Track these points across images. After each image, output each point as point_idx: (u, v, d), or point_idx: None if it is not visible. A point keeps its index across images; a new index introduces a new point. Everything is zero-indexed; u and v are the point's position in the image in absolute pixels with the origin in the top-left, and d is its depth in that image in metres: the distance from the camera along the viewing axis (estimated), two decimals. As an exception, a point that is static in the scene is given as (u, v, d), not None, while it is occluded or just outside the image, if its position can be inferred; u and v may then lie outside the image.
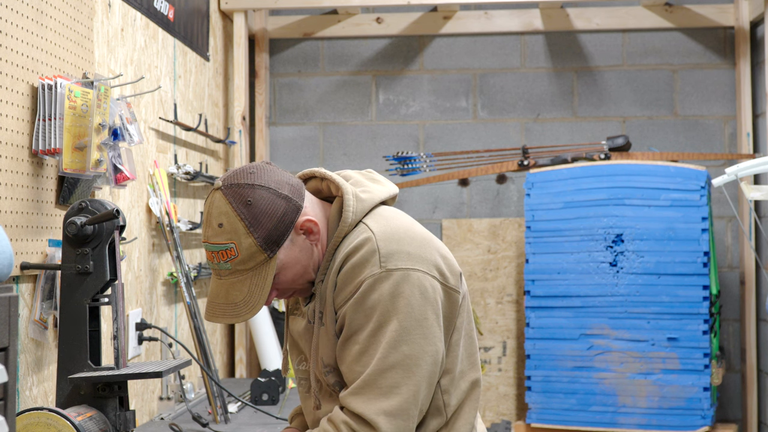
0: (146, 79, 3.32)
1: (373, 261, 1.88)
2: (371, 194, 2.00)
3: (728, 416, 4.58)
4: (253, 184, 1.90)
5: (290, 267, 1.93)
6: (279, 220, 1.89)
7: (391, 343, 1.85)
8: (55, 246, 2.50)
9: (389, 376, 1.85)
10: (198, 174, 3.72)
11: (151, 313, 3.35)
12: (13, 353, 1.76)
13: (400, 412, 1.84)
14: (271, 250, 1.89)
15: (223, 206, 1.89)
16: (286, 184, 1.93)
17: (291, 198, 1.91)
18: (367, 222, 1.94)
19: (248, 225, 1.87)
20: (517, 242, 4.58)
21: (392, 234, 1.92)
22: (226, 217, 1.88)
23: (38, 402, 2.45)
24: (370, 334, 1.87)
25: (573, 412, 4.03)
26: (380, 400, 1.84)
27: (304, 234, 1.93)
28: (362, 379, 1.86)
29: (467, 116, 4.79)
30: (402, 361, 1.85)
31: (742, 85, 4.53)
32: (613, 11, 4.70)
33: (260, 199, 1.88)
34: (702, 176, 3.97)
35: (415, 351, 1.86)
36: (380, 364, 1.85)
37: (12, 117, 2.31)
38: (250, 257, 1.89)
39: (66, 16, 2.59)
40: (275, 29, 4.80)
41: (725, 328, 4.60)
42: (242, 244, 1.88)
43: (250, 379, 4.10)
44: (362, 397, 1.85)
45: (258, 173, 1.92)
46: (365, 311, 1.87)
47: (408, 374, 1.85)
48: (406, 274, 1.88)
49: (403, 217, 2.01)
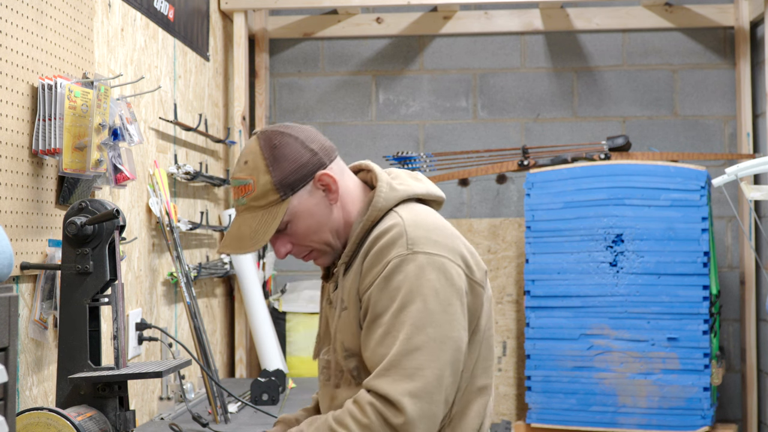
0: (146, 79, 3.32)
1: (400, 243, 1.91)
2: (406, 187, 2.05)
3: (728, 416, 4.58)
4: (285, 132, 2.01)
5: (303, 217, 1.99)
6: (299, 166, 1.98)
7: (417, 325, 1.86)
8: (55, 246, 2.50)
9: (414, 358, 1.84)
10: (198, 174, 3.72)
11: (151, 313, 3.35)
12: (13, 353, 1.76)
13: (424, 394, 1.83)
14: (284, 192, 1.97)
15: (254, 146, 2.00)
16: (317, 141, 2.02)
17: (317, 153, 2.00)
18: (398, 210, 1.99)
19: (269, 164, 1.97)
20: (517, 242, 4.58)
21: (421, 223, 1.96)
22: (253, 155, 1.99)
23: (38, 402, 2.45)
24: (394, 315, 1.88)
25: (573, 412, 4.03)
26: (405, 381, 1.83)
27: (324, 191, 2.00)
28: (387, 360, 1.86)
29: (467, 116, 4.79)
30: (427, 344, 1.85)
31: (742, 85, 4.53)
32: (613, 11, 4.70)
33: (286, 144, 1.99)
34: (702, 176, 3.97)
35: (440, 334, 1.87)
36: (405, 345, 1.85)
37: (12, 117, 2.31)
38: (264, 195, 1.97)
39: (66, 16, 2.59)
40: (275, 29, 4.80)
41: (725, 328, 4.60)
42: (260, 180, 1.97)
43: (250, 379, 4.10)
44: (387, 379, 1.84)
45: (294, 126, 2.04)
46: (390, 292, 1.89)
47: (432, 357, 1.85)
48: (433, 259, 1.90)
49: (434, 214, 2.05)
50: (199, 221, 3.84)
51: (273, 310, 4.44)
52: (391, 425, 1.83)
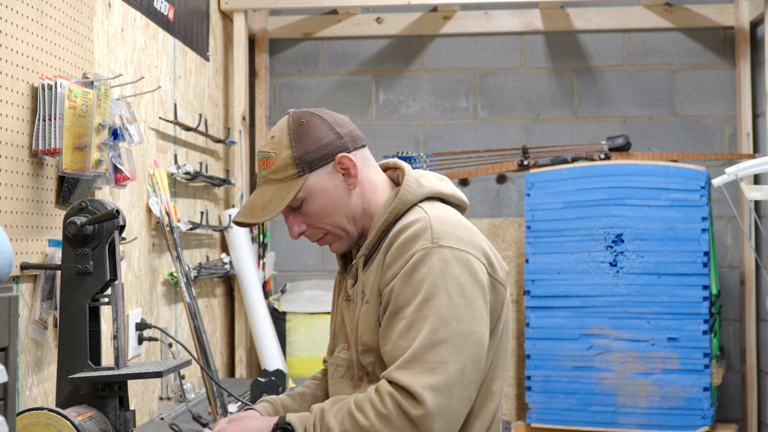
0: (146, 79, 3.32)
1: (425, 236, 1.91)
2: (433, 184, 2.05)
3: (728, 416, 4.58)
4: (315, 113, 2.06)
5: (319, 197, 2.01)
6: (321, 146, 2.01)
7: (442, 318, 1.85)
8: (55, 246, 2.50)
9: (437, 352, 1.83)
10: (198, 174, 3.72)
11: (151, 313, 3.35)
12: (13, 353, 1.76)
13: (445, 388, 1.82)
14: (302, 168, 2.00)
15: (283, 123, 2.04)
16: (346, 127, 2.08)
17: (342, 136, 2.04)
18: (423, 206, 2.00)
19: (292, 139, 2.01)
20: (517, 242, 4.58)
21: (445, 218, 1.96)
22: (279, 131, 2.04)
23: (38, 402, 2.45)
24: (417, 308, 1.87)
25: (573, 412, 4.03)
26: (427, 374, 1.82)
27: (344, 175, 2.02)
28: (410, 352, 1.84)
29: (467, 116, 4.79)
30: (451, 338, 1.84)
31: (742, 85, 4.53)
32: (613, 11, 4.70)
33: (312, 124, 2.03)
34: (702, 176, 3.97)
35: (464, 329, 1.86)
36: (430, 338, 1.84)
37: (12, 117, 2.31)
38: (283, 168, 2.00)
39: (66, 16, 2.59)
40: (275, 29, 4.80)
41: (725, 328, 4.60)
42: (281, 154, 2.01)
43: (250, 379, 4.10)
44: (409, 371, 1.83)
45: (327, 111, 2.09)
46: (413, 285, 1.88)
47: (456, 352, 1.84)
48: (457, 253, 1.91)
49: (458, 213, 2.06)
50: (199, 221, 3.84)
51: (273, 310, 4.44)
52: (409, 417, 1.82)
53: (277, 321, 4.43)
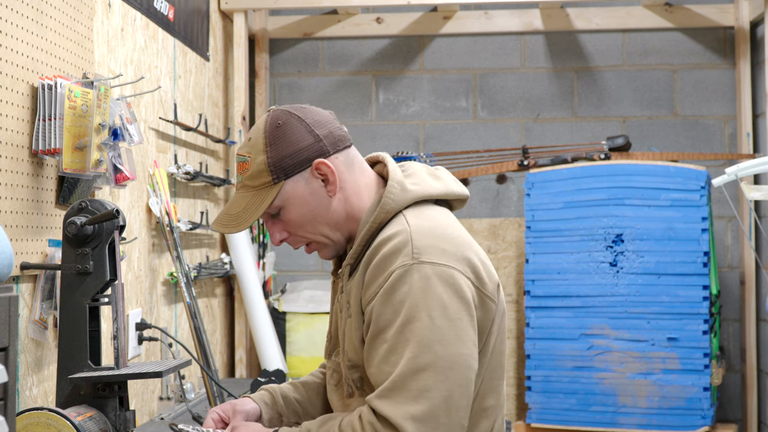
0: (146, 79, 3.32)
1: (405, 252, 1.79)
2: (420, 187, 1.93)
3: (728, 416, 4.58)
4: (294, 112, 1.92)
5: (296, 205, 1.91)
6: (297, 151, 1.89)
7: (423, 342, 1.74)
8: (55, 246, 2.49)
9: (420, 378, 1.73)
10: (198, 174, 3.72)
11: (151, 313, 3.35)
12: (13, 353, 1.76)
13: (429, 418, 1.72)
14: (277, 175, 1.89)
15: (261, 123, 1.93)
16: (327, 128, 1.93)
17: (321, 140, 1.90)
18: (407, 214, 1.87)
19: (267, 143, 1.89)
20: (517, 242, 4.58)
21: (429, 230, 1.84)
22: (257, 132, 1.92)
23: (38, 402, 2.45)
24: (398, 331, 1.76)
25: (573, 412, 4.03)
26: (409, 404, 1.72)
27: (323, 181, 1.91)
28: (391, 380, 1.74)
29: (467, 116, 4.79)
30: (434, 363, 1.73)
31: (742, 85, 4.53)
32: (613, 11, 4.70)
33: (289, 126, 1.90)
34: (702, 176, 3.97)
35: (449, 352, 1.74)
36: (411, 365, 1.73)
37: (12, 117, 2.31)
38: (258, 175, 1.90)
39: (66, 16, 2.59)
40: (275, 29, 4.80)
41: (725, 328, 4.60)
42: (256, 158, 1.90)
43: (250, 379, 4.10)
44: (391, 401, 1.73)
45: (307, 109, 1.94)
46: (393, 305, 1.77)
47: (441, 378, 1.73)
48: (440, 269, 1.78)
49: (447, 217, 1.93)
50: (199, 221, 3.84)
51: (273, 310, 4.44)
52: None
53: (277, 321, 4.43)
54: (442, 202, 2.01)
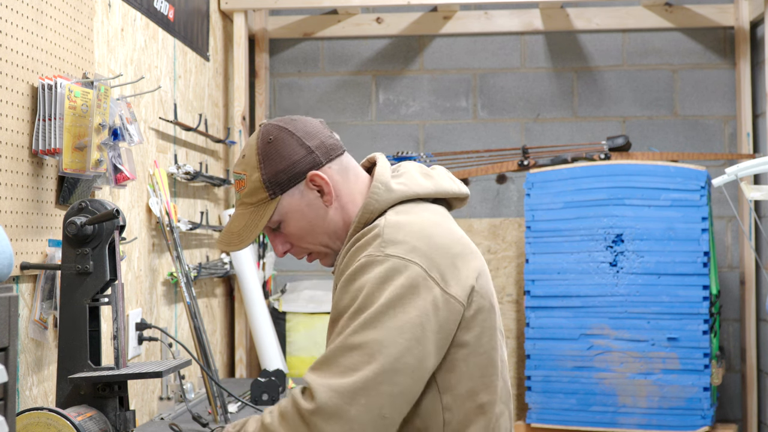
0: (146, 79, 3.32)
1: (374, 244, 1.83)
2: (406, 187, 1.94)
3: (728, 416, 4.58)
4: (284, 126, 1.96)
5: (295, 218, 1.95)
6: (291, 164, 1.92)
7: (361, 324, 1.76)
8: (55, 246, 2.50)
9: (349, 356, 1.74)
10: (198, 174, 3.72)
11: (151, 313, 3.35)
12: (13, 353, 1.76)
13: (346, 392, 1.72)
14: (273, 191, 1.93)
15: (253, 140, 1.96)
16: (318, 139, 1.96)
17: (313, 151, 1.94)
18: (389, 212, 1.90)
19: (260, 160, 1.93)
20: (517, 242, 4.58)
21: (404, 225, 1.85)
22: (249, 149, 1.96)
23: (38, 402, 2.45)
24: (349, 316, 1.79)
25: (573, 412, 4.03)
26: (333, 377, 1.74)
27: (318, 192, 1.94)
28: (324, 354, 1.78)
29: (467, 116, 4.79)
30: (365, 343, 1.74)
31: (742, 85, 4.53)
32: (613, 11, 4.70)
33: (281, 140, 1.93)
34: (702, 176, 3.97)
35: (383, 337, 1.74)
36: (344, 342, 1.76)
37: (12, 117, 2.31)
38: (254, 192, 1.94)
39: (66, 16, 2.59)
40: (275, 29, 4.80)
41: (725, 328, 4.60)
42: (251, 176, 1.93)
43: (250, 379, 4.10)
44: (318, 372, 1.77)
45: (297, 121, 1.98)
46: (351, 293, 1.80)
47: (368, 359, 1.73)
48: (403, 264, 1.79)
49: (434, 216, 1.92)
50: (199, 221, 3.84)
51: (273, 310, 4.44)
52: (300, 411, 1.74)
53: (277, 321, 4.43)
54: (441, 201, 2.02)
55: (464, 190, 2.03)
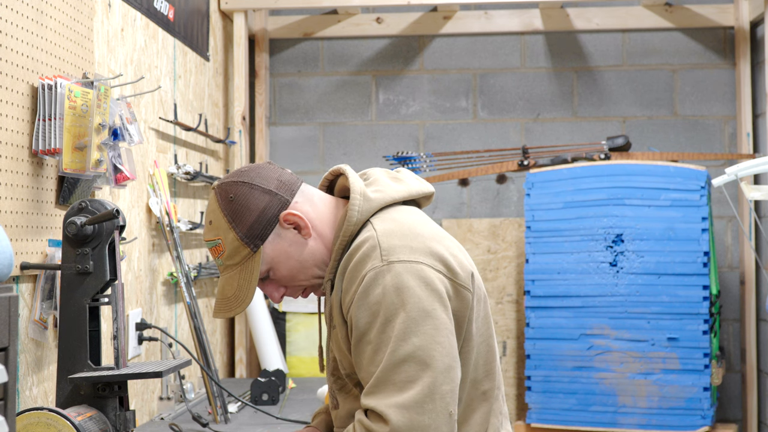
0: (146, 79, 3.32)
1: (374, 255, 1.85)
2: (383, 194, 1.97)
3: (728, 416, 4.58)
4: (237, 181, 1.95)
5: (282, 261, 1.95)
6: (260, 213, 1.92)
7: (400, 336, 1.79)
8: (55, 246, 2.50)
9: (402, 371, 1.78)
10: (198, 174, 3.72)
11: (151, 313, 3.35)
12: (13, 353, 1.76)
13: (413, 404, 1.76)
14: (254, 244, 1.93)
15: (213, 204, 1.96)
16: (275, 180, 1.96)
17: (276, 193, 1.94)
18: (373, 221, 1.92)
19: (230, 220, 1.92)
20: (517, 242, 4.58)
21: (396, 230, 1.89)
22: (214, 214, 1.95)
23: (38, 402, 2.45)
24: (380, 330, 1.81)
25: (573, 412, 4.03)
26: (394, 395, 1.77)
27: (294, 228, 1.95)
28: (375, 376, 1.80)
29: (467, 116, 4.79)
30: (413, 353, 1.78)
31: (742, 85, 4.53)
32: (613, 11, 4.70)
33: (241, 195, 1.93)
34: (702, 176, 3.97)
35: (426, 342, 1.79)
36: (391, 359, 1.79)
37: (12, 117, 2.31)
38: (235, 252, 1.93)
39: (66, 16, 2.59)
40: (275, 29, 4.81)
41: (725, 328, 4.60)
42: (227, 239, 1.93)
43: (250, 379, 4.10)
44: (377, 395, 1.79)
45: (248, 171, 1.97)
46: (370, 308, 1.83)
47: (421, 367, 1.78)
48: (410, 266, 1.83)
49: (414, 215, 1.97)
50: (199, 221, 3.84)
51: (273, 310, 4.44)
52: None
53: (277, 321, 4.43)
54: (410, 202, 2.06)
55: (431, 189, 2.07)
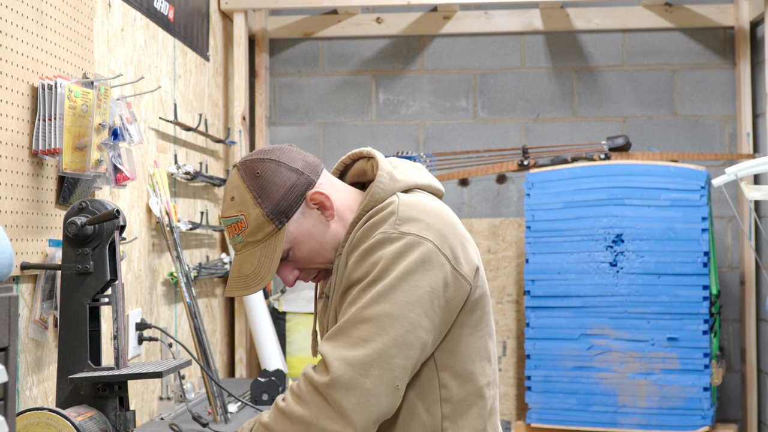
0: (146, 79, 3.32)
1: (389, 221, 1.86)
2: (408, 177, 1.99)
3: (728, 416, 4.58)
4: (264, 158, 1.95)
5: (304, 241, 1.95)
6: (288, 191, 1.92)
7: (375, 297, 1.81)
8: (55, 246, 2.50)
9: (362, 328, 1.79)
10: (198, 174, 3.72)
11: (151, 313, 3.35)
12: (13, 353, 1.76)
13: (359, 364, 1.77)
14: (279, 221, 1.92)
15: (236, 180, 1.94)
16: (301, 159, 1.96)
17: (303, 172, 1.94)
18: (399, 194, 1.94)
19: (256, 196, 1.91)
20: (517, 242, 4.58)
21: (418, 205, 1.90)
22: (237, 190, 1.94)
23: (38, 402, 2.45)
24: (362, 288, 1.83)
25: (573, 412, 4.03)
26: (346, 348, 1.79)
27: (318, 209, 1.95)
28: (338, 325, 1.82)
29: (467, 116, 4.79)
30: (377, 316, 1.79)
31: (742, 85, 4.53)
32: (613, 11, 4.70)
33: (269, 171, 1.93)
34: (702, 176, 3.97)
35: (395, 311, 1.80)
36: (357, 314, 1.81)
37: (12, 117, 2.31)
38: (259, 228, 1.92)
39: (66, 16, 2.59)
40: (275, 29, 4.80)
41: (725, 328, 4.60)
42: (251, 215, 1.92)
43: (250, 379, 4.10)
44: (331, 343, 1.81)
45: (273, 150, 1.97)
46: (365, 266, 1.84)
47: (380, 331, 1.79)
48: (417, 241, 1.84)
49: (437, 201, 1.98)
50: (199, 221, 3.84)
51: (273, 310, 4.44)
52: (315, 385, 1.79)
53: (277, 321, 4.43)
54: None
55: (443, 189, 2.10)
